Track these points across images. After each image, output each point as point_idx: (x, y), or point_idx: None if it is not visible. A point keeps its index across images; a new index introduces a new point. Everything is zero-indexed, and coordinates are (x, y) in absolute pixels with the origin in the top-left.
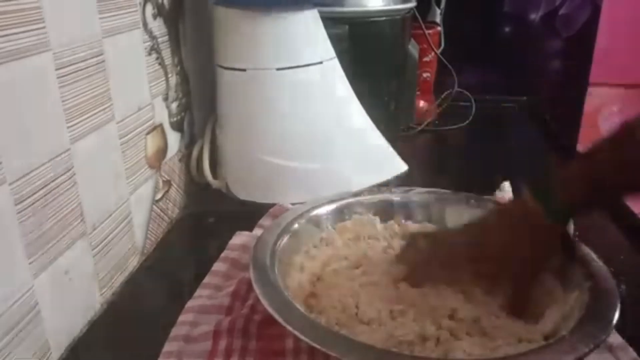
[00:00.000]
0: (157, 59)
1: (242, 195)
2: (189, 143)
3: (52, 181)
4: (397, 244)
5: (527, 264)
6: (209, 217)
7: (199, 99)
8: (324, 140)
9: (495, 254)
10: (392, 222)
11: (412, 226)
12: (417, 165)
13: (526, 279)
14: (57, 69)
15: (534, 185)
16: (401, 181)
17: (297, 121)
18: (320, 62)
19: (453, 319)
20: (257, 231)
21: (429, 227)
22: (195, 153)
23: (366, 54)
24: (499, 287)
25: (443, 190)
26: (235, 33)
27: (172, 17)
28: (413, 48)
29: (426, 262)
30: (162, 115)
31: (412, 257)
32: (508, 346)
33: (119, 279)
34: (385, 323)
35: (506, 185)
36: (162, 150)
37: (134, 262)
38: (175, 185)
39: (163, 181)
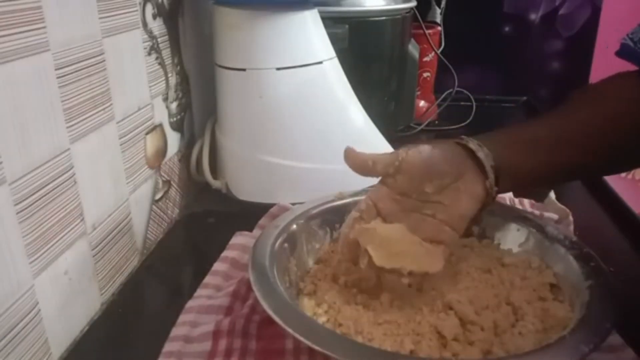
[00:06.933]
0: (157, 58)
1: (242, 195)
2: (189, 143)
3: (52, 181)
4: None
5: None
6: (209, 217)
7: (199, 99)
8: (324, 140)
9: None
10: None
11: None
12: None
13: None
14: (56, 69)
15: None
16: None
17: (296, 121)
18: (320, 62)
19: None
20: (257, 231)
21: None
22: (195, 153)
23: (366, 54)
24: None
25: None
26: (235, 33)
27: (172, 17)
28: (413, 48)
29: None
30: (161, 115)
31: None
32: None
33: (119, 279)
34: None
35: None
36: (162, 150)
37: (134, 262)
38: (175, 185)
39: (163, 181)
